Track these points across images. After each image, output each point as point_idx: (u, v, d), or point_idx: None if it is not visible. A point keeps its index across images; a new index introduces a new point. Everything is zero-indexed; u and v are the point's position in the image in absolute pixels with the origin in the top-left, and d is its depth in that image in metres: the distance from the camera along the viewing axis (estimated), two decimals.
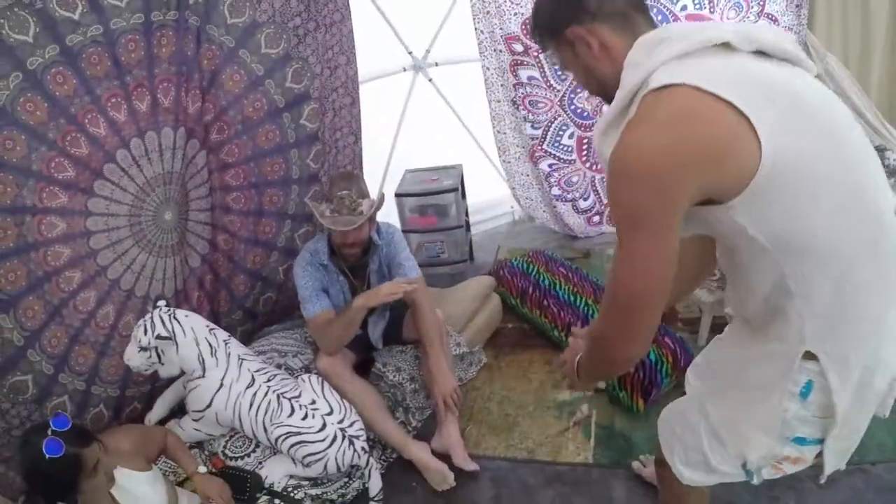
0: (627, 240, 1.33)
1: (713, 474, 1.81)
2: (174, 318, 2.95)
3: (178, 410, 3.38)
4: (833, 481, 2.58)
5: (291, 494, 2.89)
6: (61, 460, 2.07)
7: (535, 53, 4.76)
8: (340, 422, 2.98)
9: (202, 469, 2.69)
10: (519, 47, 4.75)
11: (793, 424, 1.54)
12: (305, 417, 2.94)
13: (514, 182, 5.47)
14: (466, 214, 5.11)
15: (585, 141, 5.17)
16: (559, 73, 4.85)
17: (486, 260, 5.22)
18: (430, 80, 5.16)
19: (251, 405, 2.98)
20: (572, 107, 5.03)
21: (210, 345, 3.00)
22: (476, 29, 4.72)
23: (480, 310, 4.11)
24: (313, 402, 3.01)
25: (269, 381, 3.05)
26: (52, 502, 2.16)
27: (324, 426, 2.93)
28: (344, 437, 2.94)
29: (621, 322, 1.43)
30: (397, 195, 4.81)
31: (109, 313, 3.11)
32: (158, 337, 2.88)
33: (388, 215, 3.33)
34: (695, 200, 1.31)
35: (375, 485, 3.01)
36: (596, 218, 5.54)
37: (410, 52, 5.02)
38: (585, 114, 5.07)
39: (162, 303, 3.02)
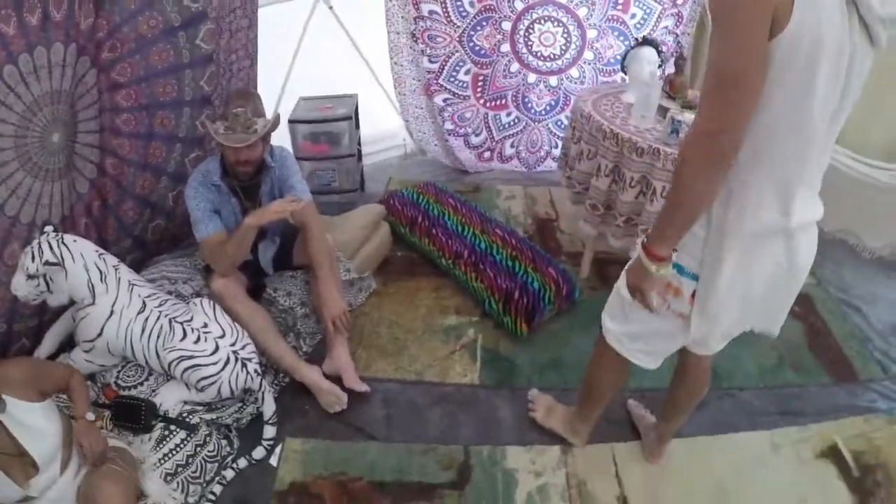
0: (728, 21, 1.52)
1: (628, 322, 2.23)
2: (63, 243, 2.86)
3: (67, 345, 3.28)
4: (704, 404, 2.77)
5: (187, 420, 2.89)
6: None
7: None
8: (233, 344, 2.98)
9: (90, 416, 2.55)
10: None
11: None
12: (198, 341, 2.93)
13: (408, 115, 5.48)
14: (359, 144, 5.09)
15: (481, 78, 5.22)
16: (460, 8, 4.85)
17: (376, 190, 5.23)
18: (331, 7, 5.06)
19: (143, 331, 2.93)
20: (471, 44, 5.06)
21: (100, 270, 2.92)
22: None
23: (370, 237, 4.14)
24: (205, 326, 2.99)
25: (160, 306, 3.01)
26: None
27: (216, 349, 2.93)
28: (237, 359, 2.95)
29: (723, 107, 1.57)
30: (291, 121, 4.75)
31: None
32: (47, 263, 2.78)
33: (281, 141, 3.30)
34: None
35: (269, 408, 3.03)
36: (486, 154, 5.62)
37: None
38: (483, 51, 5.11)
39: (49, 228, 2.92)
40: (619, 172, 3.45)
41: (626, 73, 4.16)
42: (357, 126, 4.99)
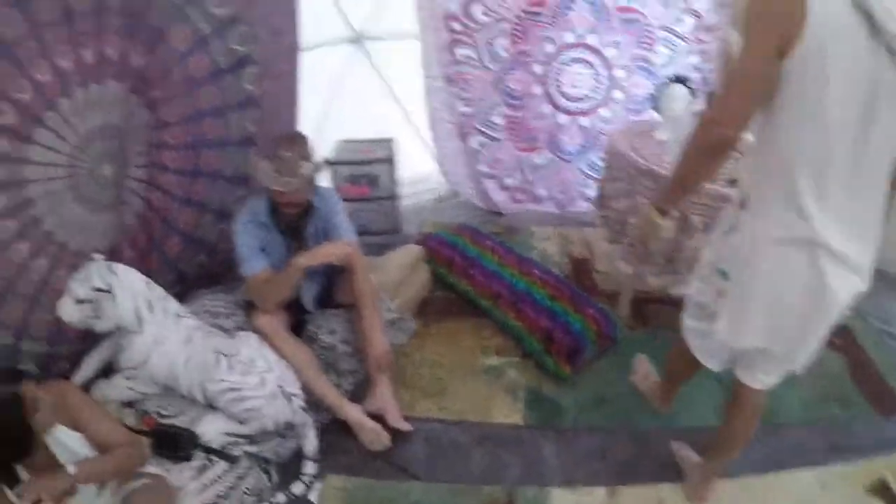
0: (744, 39, 1.80)
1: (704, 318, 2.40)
2: (112, 270, 2.86)
3: (109, 371, 3.23)
4: (750, 442, 2.67)
5: (228, 451, 2.85)
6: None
7: (472, 33, 4.78)
8: (279, 379, 2.96)
9: (70, 469, 2.17)
10: (458, 26, 4.75)
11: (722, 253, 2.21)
12: (244, 374, 2.91)
13: (443, 158, 5.45)
14: (397, 187, 5.07)
15: (514, 120, 5.21)
16: (494, 53, 4.88)
17: (412, 232, 5.17)
18: (368, 53, 5.10)
19: (188, 361, 2.91)
20: (504, 87, 5.05)
21: (148, 300, 2.92)
22: (417, 5, 4.70)
23: (410, 278, 4.10)
24: (252, 360, 2.97)
25: (206, 337, 3.00)
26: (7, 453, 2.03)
27: (262, 382, 2.90)
28: (283, 394, 2.92)
29: (724, 103, 1.92)
30: (331, 163, 4.76)
31: (42, 266, 2.97)
32: (96, 289, 2.78)
33: (321, 184, 3.31)
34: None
35: (311, 444, 2.99)
36: (520, 195, 5.56)
37: (351, 24, 4.95)
38: (516, 94, 5.10)
39: (98, 256, 2.92)
40: None
41: (657, 112, 4.13)
42: (396, 169, 4.99)
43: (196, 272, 3.96)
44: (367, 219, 4.96)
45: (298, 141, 3.15)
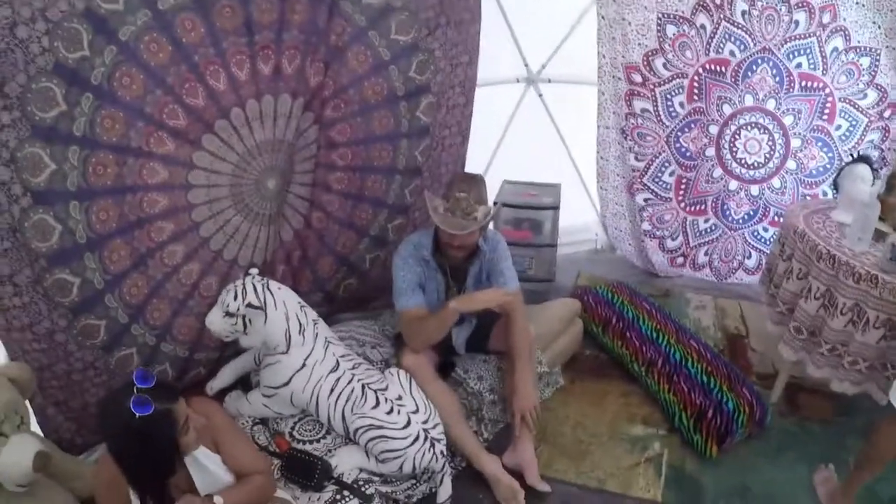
0: None
1: None
2: (267, 288, 2.70)
3: (239, 382, 3.15)
4: None
5: (362, 489, 2.58)
6: (151, 418, 1.73)
7: (652, 86, 4.43)
8: (425, 422, 2.69)
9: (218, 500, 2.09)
10: (637, 77, 4.41)
11: None
12: (391, 412, 2.66)
13: (606, 210, 5.10)
14: (557, 234, 4.75)
15: (684, 181, 4.79)
16: (671, 109, 4.49)
17: (565, 282, 4.87)
18: (541, 95, 4.82)
19: (332, 391, 2.71)
20: (677, 145, 4.65)
21: (299, 322, 2.72)
22: (598, 53, 4.39)
23: (564, 332, 3.76)
24: (400, 398, 2.72)
25: (354, 368, 2.78)
26: (148, 467, 1.85)
27: (408, 423, 2.64)
28: (426, 438, 2.65)
29: None
30: (505, 205, 4.48)
31: (194, 271, 2.87)
32: (249, 305, 2.62)
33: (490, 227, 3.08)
34: None
35: (445, 491, 2.71)
36: (680, 259, 5.13)
37: (527, 65, 4.71)
38: (689, 153, 4.69)
39: (255, 271, 2.78)
40: (830, 297, 2.97)
41: (836, 190, 3.66)
42: (556, 221, 4.67)
43: (345, 294, 3.81)
44: (525, 264, 4.66)
45: (476, 183, 2.91)
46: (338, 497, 2.53)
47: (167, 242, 2.72)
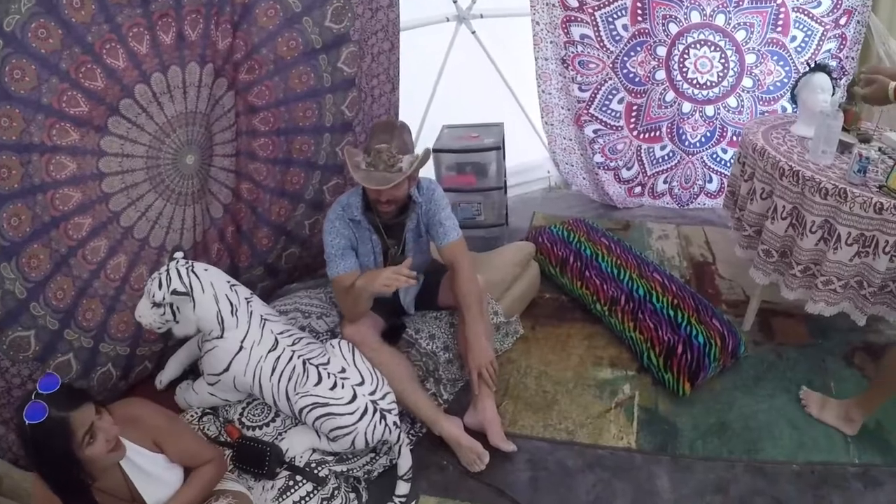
0: None
1: None
2: (192, 271, 2.67)
3: (190, 371, 3.18)
4: (881, 484, 2.63)
5: (315, 471, 2.64)
6: (43, 426, 1.78)
7: (591, 10, 4.44)
8: (372, 393, 2.72)
9: None
10: (573, 2, 4.42)
11: None
12: (334, 387, 2.68)
13: (555, 146, 5.17)
14: (505, 175, 4.79)
15: (635, 108, 4.86)
16: (614, 32, 4.53)
17: (520, 225, 4.94)
18: (474, 32, 4.83)
19: (273, 370, 2.71)
20: (624, 70, 4.70)
21: (230, 303, 2.72)
22: None
23: (519, 277, 3.81)
24: (343, 371, 2.74)
25: (293, 344, 2.78)
26: (52, 478, 1.89)
27: (354, 397, 2.67)
28: (375, 410, 2.68)
29: None
30: (435, 151, 4.46)
31: (121, 264, 2.86)
32: (174, 292, 2.59)
33: (425, 172, 3.05)
34: None
35: (405, 462, 2.74)
36: (637, 189, 5.24)
37: (455, 1, 4.70)
38: (637, 79, 4.75)
39: (179, 254, 2.74)
40: (798, 215, 3.02)
41: (794, 103, 3.72)
42: (504, 157, 4.69)
43: (288, 265, 3.84)
44: (473, 210, 4.70)
45: (397, 130, 2.84)
46: (290, 483, 2.58)
47: (87, 238, 2.69)
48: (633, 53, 4.66)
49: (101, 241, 2.75)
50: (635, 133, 4.98)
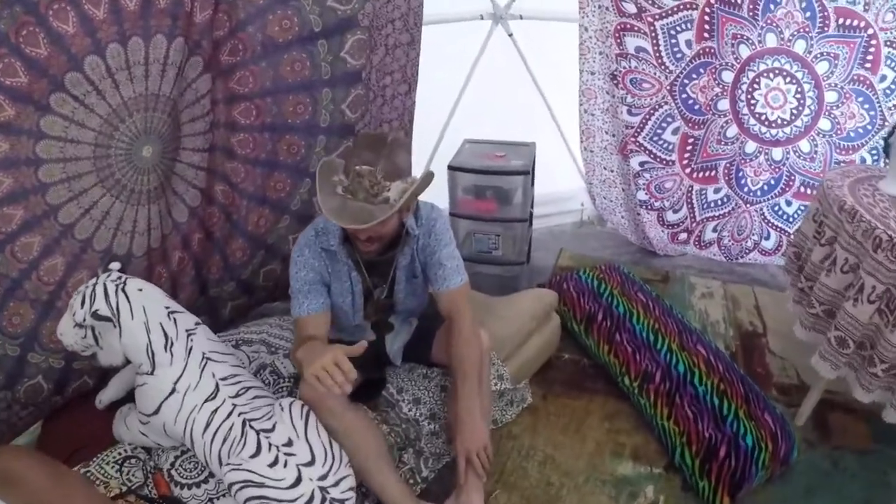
0: None
1: None
2: (123, 290, 2.35)
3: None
4: None
5: None
6: None
7: (650, 19, 4.11)
8: (322, 478, 2.28)
9: None
10: (630, 7, 4.09)
11: None
12: (274, 464, 2.26)
13: (593, 176, 4.85)
14: (532, 205, 4.46)
15: (690, 140, 4.51)
16: (675, 48, 4.19)
17: (543, 263, 4.65)
18: (511, 34, 4.59)
19: (207, 426, 2.33)
20: (683, 95, 4.35)
21: (165, 334, 2.38)
22: None
23: (535, 333, 3.45)
24: (289, 444, 2.32)
25: (236, 396, 2.40)
26: None
27: (298, 481, 2.24)
28: (324, 499, 2.25)
29: None
30: (451, 168, 4.14)
31: (57, 266, 2.58)
32: (95, 315, 2.29)
33: (437, 192, 2.76)
34: None
35: None
36: (682, 235, 4.91)
37: None
38: (697, 106, 4.40)
39: (115, 266, 2.45)
40: (891, 301, 2.61)
41: (886, 154, 3.30)
42: (532, 184, 4.35)
43: (267, 283, 3.60)
44: (489, 243, 4.34)
45: (387, 148, 2.35)
46: None
47: (18, 233, 2.43)
48: (694, 76, 4.32)
49: (35, 238, 2.48)
50: (688, 171, 4.65)
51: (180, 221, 3.00)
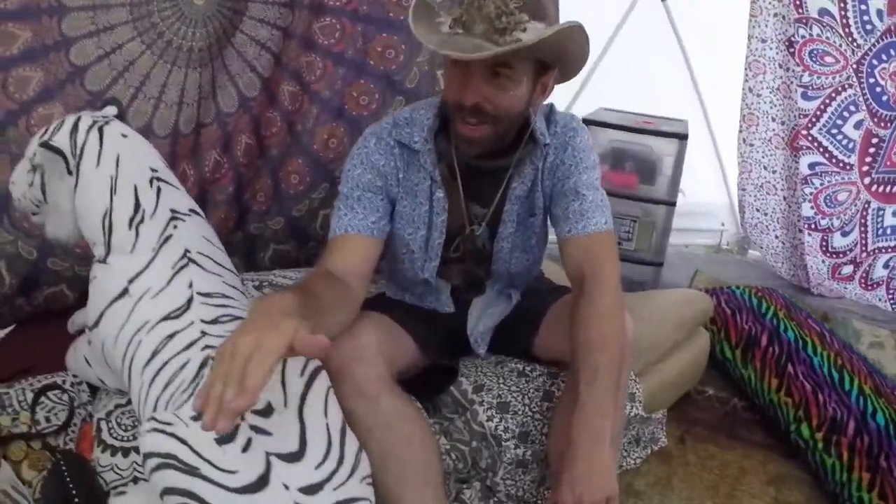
0: None
1: None
2: (100, 128, 1.81)
3: None
4: None
5: None
6: None
7: None
8: (310, 490, 1.40)
9: None
10: None
11: None
12: (229, 441, 1.37)
13: (748, 179, 4.11)
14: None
15: (874, 140, 3.80)
16: (865, 17, 3.56)
17: (675, 280, 4.01)
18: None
19: (154, 355, 1.61)
20: (871, 79, 3.67)
21: (137, 204, 1.78)
22: None
23: (681, 347, 2.73)
24: (265, 413, 1.44)
25: (213, 322, 1.65)
26: None
27: (262, 482, 1.36)
28: None
29: None
30: (587, 122, 3.48)
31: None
32: (46, 146, 1.75)
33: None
34: None
35: None
36: (847, 268, 4.15)
37: None
38: (885, 98, 3.70)
39: (110, 110, 1.94)
40: None
41: None
42: (681, 162, 3.74)
43: (323, 232, 2.96)
44: (622, 230, 3.75)
45: None
46: None
47: (34, 102, 2.30)
48: (884, 57, 3.65)
49: (56, 109, 2.37)
50: (867, 181, 3.91)
51: (226, 111, 2.63)
